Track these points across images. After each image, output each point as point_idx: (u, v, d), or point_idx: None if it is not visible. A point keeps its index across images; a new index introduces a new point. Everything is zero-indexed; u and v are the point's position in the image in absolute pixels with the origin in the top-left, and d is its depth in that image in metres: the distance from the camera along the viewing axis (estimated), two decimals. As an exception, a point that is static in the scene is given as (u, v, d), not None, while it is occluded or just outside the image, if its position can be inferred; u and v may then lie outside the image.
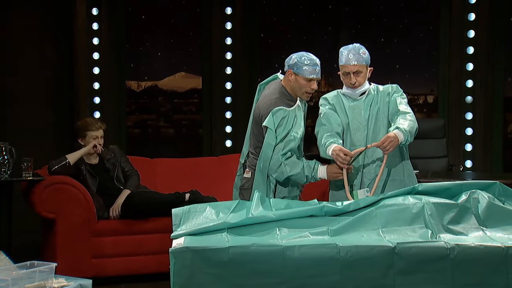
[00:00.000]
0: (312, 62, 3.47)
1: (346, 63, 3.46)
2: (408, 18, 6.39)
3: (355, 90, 3.49)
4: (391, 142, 3.26)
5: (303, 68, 3.44)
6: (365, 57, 3.47)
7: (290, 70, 3.49)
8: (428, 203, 2.81)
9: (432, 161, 5.65)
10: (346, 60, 3.46)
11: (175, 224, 2.85)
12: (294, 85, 3.49)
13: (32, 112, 6.05)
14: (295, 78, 3.47)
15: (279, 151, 3.37)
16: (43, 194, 4.36)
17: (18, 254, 3.55)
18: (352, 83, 3.47)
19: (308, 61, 3.46)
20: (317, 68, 3.48)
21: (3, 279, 2.88)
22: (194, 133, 6.61)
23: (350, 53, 3.45)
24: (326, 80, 6.42)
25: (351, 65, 3.44)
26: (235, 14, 6.39)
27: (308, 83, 3.46)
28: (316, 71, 3.47)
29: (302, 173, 3.40)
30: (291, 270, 2.57)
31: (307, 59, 3.47)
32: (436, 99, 6.40)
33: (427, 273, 2.57)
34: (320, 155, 3.46)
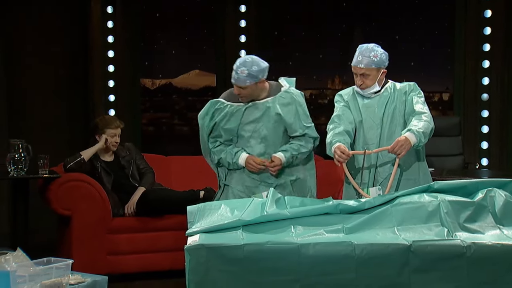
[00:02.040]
0: (235, 68, 3.57)
1: (354, 64, 3.47)
2: (423, 15, 6.35)
3: (363, 91, 3.49)
4: (401, 146, 3.24)
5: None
6: (376, 60, 3.44)
7: None
8: (444, 201, 2.79)
9: (447, 159, 5.62)
10: (355, 62, 3.46)
11: (190, 222, 2.86)
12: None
13: (47, 110, 6.09)
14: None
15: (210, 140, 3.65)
16: (59, 191, 4.39)
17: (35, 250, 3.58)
18: (358, 85, 3.47)
19: (233, 68, 3.57)
20: (234, 73, 3.56)
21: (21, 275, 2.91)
22: (208, 131, 6.62)
23: (360, 54, 3.45)
24: (340, 78, 6.40)
25: (358, 67, 3.45)
26: (249, 12, 6.39)
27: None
28: (233, 76, 3.56)
29: (225, 159, 3.61)
30: (306, 267, 2.57)
31: (234, 66, 3.58)
32: (451, 96, 6.36)
33: (443, 271, 2.56)
34: (326, 153, 3.47)
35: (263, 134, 3.59)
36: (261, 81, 3.54)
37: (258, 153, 3.61)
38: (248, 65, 3.50)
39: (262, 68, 3.53)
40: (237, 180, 3.65)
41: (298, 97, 3.66)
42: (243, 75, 3.49)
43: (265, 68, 3.56)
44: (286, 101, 3.61)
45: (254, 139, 3.60)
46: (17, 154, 4.30)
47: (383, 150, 3.37)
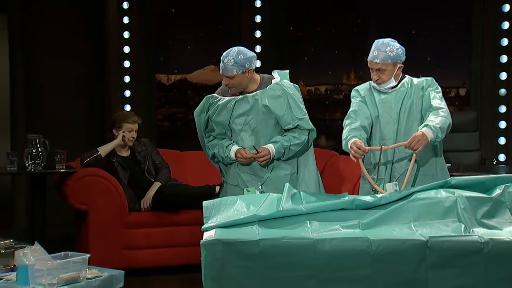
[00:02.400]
0: (222, 59, 3.59)
1: (370, 59, 3.45)
2: (440, 10, 6.29)
3: (379, 86, 3.47)
4: (418, 141, 3.22)
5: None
6: (392, 55, 3.41)
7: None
8: (461, 197, 2.77)
9: (464, 155, 5.58)
10: (371, 57, 3.45)
11: (206, 217, 2.87)
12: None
13: (64, 105, 6.14)
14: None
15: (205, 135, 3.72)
16: (76, 186, 4.42)
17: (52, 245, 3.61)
18: (374, 80, 3.46)
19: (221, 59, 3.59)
20: (221, 64, 3.58)
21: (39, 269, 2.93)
22: (224, 126, 6.62)
23: (376, 49, 3.43)
24: (356, 73, 6.37)
25: (373, 62, 3.43)
26: (264, 7, 6.38)
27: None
28: (221, 68, 3.58)
29: (218, 154, 3.66)
30: (321, 263, 2.57)
31: (222, 56, 3.59)
32: (468, 92, 6.31)
33: (460, 267, 2.55)
34: (342, 148, 3.46)
35: (253, 126, 3.61)
36: (249, 70, 3.54)
37: (249, 146, 3.62)
38: (234, 54, 3.52)
39: (248, 57, 3.54)
40: (233, 175, 3.68)
41: (289, 89, 3.65)
42: (229, 64, 3.51)
43: (251, 57, 3.56)
44: (276, 94, 3.61)
45: (245, 132, 3.62)
46: (35, 149, 4.34)
47: (399, 145, 3.35)
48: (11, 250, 3.21)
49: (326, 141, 6.58)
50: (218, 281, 2.58)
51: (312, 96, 6.52)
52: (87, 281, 3.09)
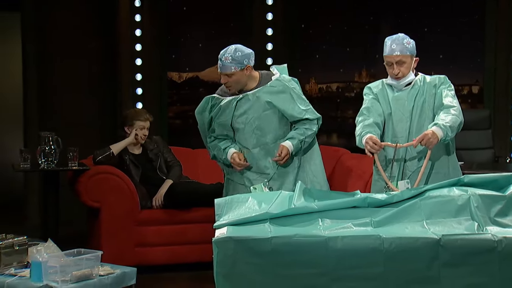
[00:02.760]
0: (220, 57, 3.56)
1: (389, 53, 3.42)
2: (453, 7, 6.25)
3: (399, 81, 3.45)
4: (429, 139, 3.21)
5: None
6: (410, 47, 3.42)
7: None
8: (474, 195, 2.76)
9: (477, 153, 5.54)
10: (389, 51, 3.42)
11: (218, 214, 2.87)
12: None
13: (77, 103, 6.17)
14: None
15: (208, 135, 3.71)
16: (88, 183, 4.45)
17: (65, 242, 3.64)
18: (395, 74, 3.43)
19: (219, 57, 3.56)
20: (219, 62, 3.55)
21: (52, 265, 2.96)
22: (235, 124, 6.62)
23: (393, 43, 3.42)
24: (368, 71, 6.35)
25: (393, 55, 3.41)
26: (276, 4, 6.37)
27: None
28: (219, 65, 3.55)
29: (218, 156, 3.66)
30: (333, 261, 2.56)
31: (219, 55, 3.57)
32: (481, 89, 6.26)
33: (473, 265, 2.53)
34: (356, 144, 3.46)
35: (254, 125, 3.59)
36: (247, 67, 3.53)
37: (253, 145, 3.60)
38: (232, 52, 3.50)
39: (246, 54, 3.52)
40: (238, 173, 3.66)
41: (290, 83, 3.65)
42: (227, 62, 3.49)
43: (249, 53, 3.55)
44: (278, 89, 3.60)
45: (247, 131, 3.60)
46: (48, 146, 4.37)
47: (410, 145, 3.34)
48: (24, 247, 3.25)
49: (337, 139, 6.56)
50: (230, 279, 2.58)
51: (324, 94, 6.51)
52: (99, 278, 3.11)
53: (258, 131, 3.60)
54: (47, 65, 6.15)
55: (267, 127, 3.59)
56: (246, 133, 3.60)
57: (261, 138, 3.59)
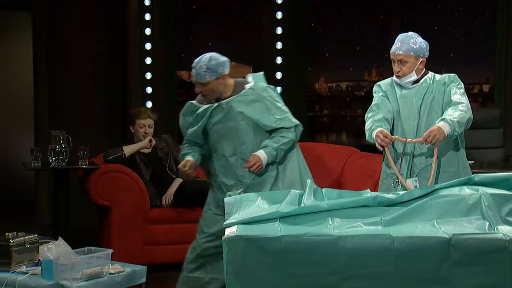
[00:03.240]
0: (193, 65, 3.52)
1: (393, 51, 3.44)
2: (464, 5, 6.22)
3: (401, 79, 3.45)
4: (434, 136, 3.19)
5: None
6: (415, 48, 3.40)
7: None
8: (485, 194, 2.74)
9: (487, 152, 5.52)
10: (394, 48, 3.44)
11: (228, 213, 2.87)
12: None
13: (87, 102, 6.20)
14: None
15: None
16: (99, 182, 4.47)
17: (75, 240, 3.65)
18: (396, 71, 3.44)
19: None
20: (193, 70, 3.50)
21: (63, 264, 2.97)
22: (244, 123, 6.62)
23: (399, 41, 3.43)
24: (377, 69, 6.33)
25: (396, 53, 3.42)
26: (285, 3, 6.36)
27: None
28: (193, 74, 3.51)
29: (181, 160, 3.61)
30: (343, 260, 2.55)
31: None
32: (492, 88, 6.23)
33: (484, 265, 2.51)
34: (366, 139, 3.45)
35: (230, 134, 3.52)
36: (222, 76, 3.45)
37: (230, 153, 3.53)
38: (206, 61, 3.44)
39: (221, 62, 3.46)
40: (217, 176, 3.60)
41: (264, 92, 3.56)
42: (202, 70, 3.43)
43: (224, 62, 3.48)
44: (250, 99, 3.51)
45: (224, 140, 3.53)
46: (58, 145, 4.39)
47: (417, 141, 3.33)
48: (35, 245, 3.26)
49: (347, 138, 6.56)
50: (240, 277, 2.58)
51: (333, 93, 6.50)
52: (110, 276, 3.12)
53: (234, 141, 3.52)
54: (57, 64, 6.18)
55: (242, 137, 3.52)
56: (223, 142, 3.54)
57: (237, 147, 3.52)
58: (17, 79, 7.42)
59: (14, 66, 7.52)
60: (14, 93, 7.50)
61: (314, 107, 6.53)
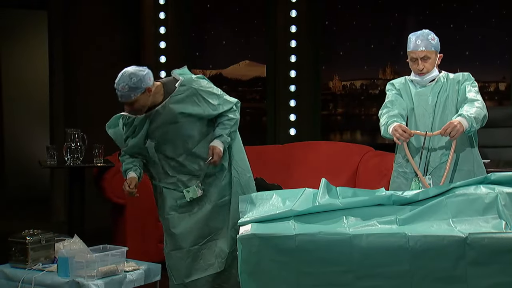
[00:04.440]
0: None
1: (414, 49, 3.41)
2: (479, 3, 6.16)
3: (423, 77, 3.44)
4: (454, 127, 3.19)
5: None
6: (434, 43, 3.41)
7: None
8: (501, 193, 2.72)
9: (503, 150, 5.47)
10: (414, 46, 3.41)
11: (242, 211, 2.88)
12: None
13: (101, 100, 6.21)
14: None
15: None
16: (113, 180, 4.48)
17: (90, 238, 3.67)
18: (419, 70, 3.42)
19: None
20: (117, 92, 3.38)
21: (79, 261, 2.99)
22: (258, 121, 6.63)
23: (418, 39, 3.41)
24: (392, 67, 6.29)
25: (418, 50, 3.39)
26: (300, 2, 6.35)
27: None
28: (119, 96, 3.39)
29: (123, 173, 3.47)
30: (358, 258, 2.55)
31: None
32: (508, 86, 6.17)
33: (500, 264, 2.50)
34: (381, 135, 3.44)
35: (174, 136, 3.41)
36: (148, 89, 3.32)
37: (179, 154, 3.42)
38: (126, 80, 3.29)
39: (141, 77, 3.29)
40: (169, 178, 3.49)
41: (194, 83, 3.44)
42: (125, 91, 3.30)
43: (145, 75, 3.30)
44: (185, 95, 3.40)
45: (169, 142, 3.42)
46: (73, 143, 4.42)
47: (437, 134, 3.33)
48: (51, 242, 3.29)
49: (361, 136, 6.53)
50: (254, 276, 2.58)
51: (348, 91, 6.48)
52: (125, 274, 3.14)
53: (180, 140, 3.42)
54: (73, 62, 6.21)
55: (188, 133, 3.42)
56: (168, 144, 3.43)
57: (185, 145, 3.42)
58: (33, 78, 7.48)
59: (30, 65, 7.57)
60: (30, 92, 7.56)
61: (328, 106, 6.51)
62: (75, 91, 6.20)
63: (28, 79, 7.57)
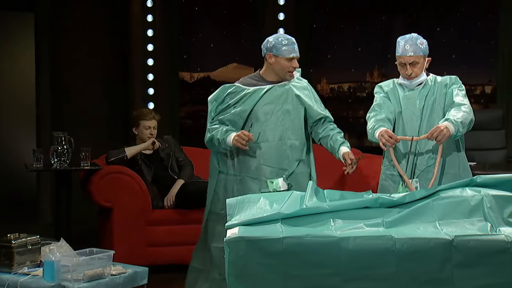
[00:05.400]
0: (289, 41, 3.52)
1: (402, 53, 3.42)
2: (466, 6, 6.21)
3: (411, 81, 3.46)
4: (441, 132, 3.20)
5: (282, 49, 3.49)
6: (423, 48, 3.42)
7: (269, 53, 3.52)
8: (487, 196, 2.74)
9: (489, 153, 5.51)
10: (403, 51, 3.42)
11: (229, 214, 2.87)
12: (276, 67, 3.52)
13: (89, 103, 6.20)
14: (276, 60, 3.51)
15: (209, 120, 3.55)
16: (100, 183, 4.46)
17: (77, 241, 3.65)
18: (408, 74, 3.43)
19: (286, 41, 3.51)
20: (295, 46, 3.52)
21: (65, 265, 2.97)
22: (246, 124, 6.63)
23: (407, 43, 3.42)
24: (380, 70, 6.33)
25: (407, 56, 3.41)
26: (287, 4, 6.36)
27: (289, 63, 3.49)
28: (295, 50, 3.51)
29: (215, 136, 3.48)
30: (345, 261, 2.55)
31: (284, 39, 3.52)
32: (494, 89, 6.22)
33: (486, 267, 2.51)
34: (368, 138, 3.45)
35: (282, 117, 3.50)
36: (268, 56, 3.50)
37: (276, 137, 3.49)
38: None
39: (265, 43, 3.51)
40: (253, 168, 3.50)
41: (309, 84, 3.66)
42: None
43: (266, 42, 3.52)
44: (302, 86, 3.58)
45: (272, 122, 3.49)
46: (60, 146, 4.39)
47: (423, 138, 3.34)
48: (37, 246, 3.26)
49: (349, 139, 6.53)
50: (242, 279, 2.58)
51: (335, 94, 6.50)
52: (111, 277, 3.12)
53: (284, 124, 3.51)
54: (59, 65, 6.18)
55: (292, 121, 3.52)
56: (270, 124, 3.49)
57: (286, 131, 3.51)
58: (20, 80, 7.43)
59: (16, 67, 7.53)
60: (17, 94, 7.51)
61: (316, 108, 6.53)
62: (62, 93, 6.17)
63: (14, 81, 7.52)
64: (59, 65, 6.18)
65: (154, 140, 4.67)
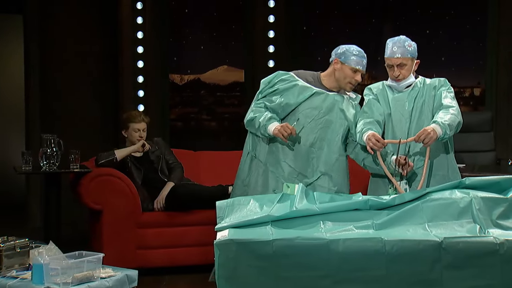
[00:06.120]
0: (360, 54, 3.51)
1: (390, 55, 3.44)
2: (455, 9, 6.25)
3: (399, 83, 3.47)
4: (428, 134, 3.21)
5: (350, 58, 3.47)
6: (411, 50, 3.44)
7: (337, 58, 3.51)
8: (476, 198, 2.76)
9: (478, 155, 5.54)
10: (391, 53, 3.44)
11: (219, 217, 2.87)
12: (338, 74, 3.50)
13: (78, 105, 6.18)
14: (341, 67, 3.49)
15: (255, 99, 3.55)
16: (90, 185, 4.45)
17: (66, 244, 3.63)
18: (395, 76, 3.45)
19: (356, 52, 3.50)
20: (364, 60, 3.51)
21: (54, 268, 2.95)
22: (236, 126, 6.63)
23: (395, 45, 3.43)
24: (370, 73, 6.34)
25: (395, 57, 3.43)
26: (277, 7, 6.37)
27: (353, 74, 3.48)
28: (362, 63, 3.50)
29: (257, 119, 3.45)
30: (335, 263, 2.56)
31: (356, 50, 3.51)
32: (483, 91, 6.26)
33: (475, 268, 2.53)
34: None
35: (321, 124, 3.45)
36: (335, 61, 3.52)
37: (308, 142, 3.44)
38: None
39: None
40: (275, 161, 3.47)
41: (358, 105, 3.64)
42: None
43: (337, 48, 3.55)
44: (353, 104, 3.57)
45: (310, 126, 3.45)
46: (49, 149, 4.36)
47: (410, 140, 3.35)
48: (26, 249, 3.24)
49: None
50: (232, 281, 2.58)
51: (326, 96, 6.50)
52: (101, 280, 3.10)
53: (320, 133, 3.46)
54: (49, 67, 6.16)
55: (331, 134, 3.47)
56: (307, 129, 3.45)
57: (319, 141, 3.46)
58: (8, 82, 7.40)
59: (5, 69, 7.49)
60: (5, 96, 7.47)
61: (306, 111, 6.54)
62: (52, 95, 6.14)
63: (3, 83, 7.48)
64: (48, 67, 6.15)
65: (144, 142, 4.66)
